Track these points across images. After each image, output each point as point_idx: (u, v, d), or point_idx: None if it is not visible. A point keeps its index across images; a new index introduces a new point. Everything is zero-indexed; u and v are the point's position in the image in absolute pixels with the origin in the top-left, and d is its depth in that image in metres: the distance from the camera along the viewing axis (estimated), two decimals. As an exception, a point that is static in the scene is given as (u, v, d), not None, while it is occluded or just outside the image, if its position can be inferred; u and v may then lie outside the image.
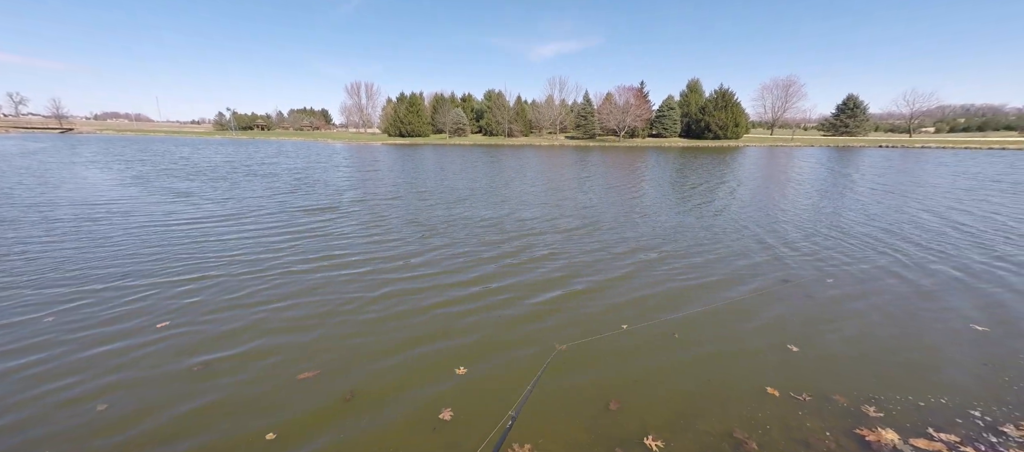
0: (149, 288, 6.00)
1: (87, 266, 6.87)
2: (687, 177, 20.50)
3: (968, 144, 50.60)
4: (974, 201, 13.73)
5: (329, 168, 24.33)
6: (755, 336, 4.75)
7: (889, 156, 35.57)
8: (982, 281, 6.42)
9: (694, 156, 36.77)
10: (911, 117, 74.41)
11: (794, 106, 77.73)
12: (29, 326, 4.86)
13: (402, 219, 10.69)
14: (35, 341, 4.55)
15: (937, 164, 27.63)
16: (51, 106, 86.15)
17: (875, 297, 5.84)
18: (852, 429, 3.25)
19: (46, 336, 4.65)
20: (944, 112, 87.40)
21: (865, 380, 3.90)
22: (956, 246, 8.35)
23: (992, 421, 3.32)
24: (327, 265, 7.08)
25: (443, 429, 3.30)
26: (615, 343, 4.58)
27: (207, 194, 14.38)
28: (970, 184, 18.00)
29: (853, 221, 10.69)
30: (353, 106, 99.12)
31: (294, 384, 3.87)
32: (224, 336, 4.71)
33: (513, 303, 5.64)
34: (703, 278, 6.56)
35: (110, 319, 5.07)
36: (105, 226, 9.58)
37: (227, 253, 7.66)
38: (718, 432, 3.25)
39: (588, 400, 3.65)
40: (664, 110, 71.99)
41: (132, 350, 4.41)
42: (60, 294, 5.76)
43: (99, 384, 3.86)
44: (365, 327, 4.94)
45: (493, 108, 77.07)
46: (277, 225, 9.90)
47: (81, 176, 18.56)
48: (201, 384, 3.86)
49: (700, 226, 9.99)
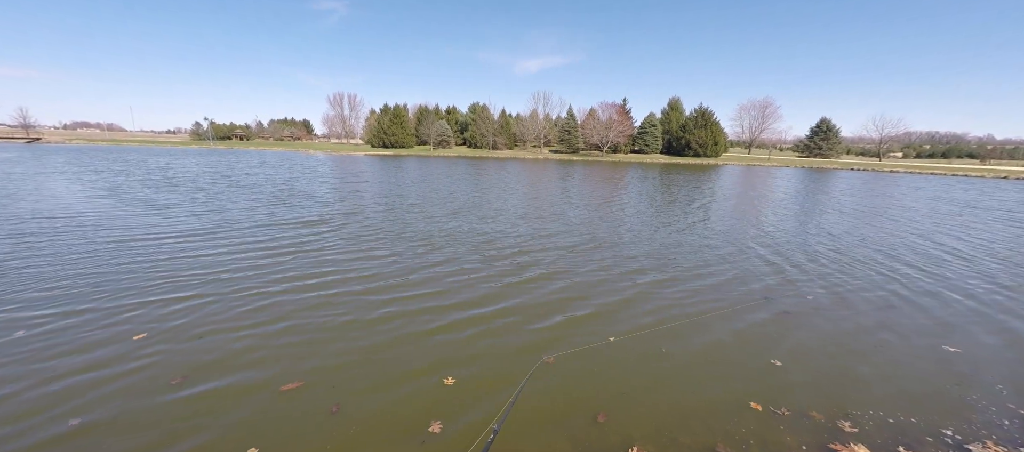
0: (122, 301, 5.78)
1: (60, 281, 6.58)
2: (675, 194, 20.98)
3: (933, 170, 52.73)
4: (949, 219, 14.47)
5: (314, 179, 23.97)
6: (740, 351, 4.87)
7: (865, 179, 37.20)
8: (965, 302, 6.70)
9: (677, 172, 37.70)
10: (880, 141, 78.06)
11: (770, 127, 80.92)
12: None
13: (390, 232, 10.61)
14: (6, 358, 4.32)
15: (913, 188, 28.97)
16: (17, 115, 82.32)
17: (857, 315, 6.05)
18: (827, 444, 3.36)
19: (17, 350, 4.43)
20: (910, 138, 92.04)
21: (844, 396, 4.04)
22: (941, 266, 8.72)
23: (961, 440, 3.46)
24: (311, 277, 6.96)
25: (431, 441, 3.26)
26: (603, 356, 4.63)
27: (187, 206, 13.98)
28: (949, 208, 18.95)
29: (841, 241, 11.12)
30: (335, 117, 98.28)
31: (277, 397, 3.77)
32: (206, 350, 4.56)
33: (502, 315, 5.64)
34: (692, 294, 6.70)
35: (87, 333, 4.85)
36: (77, 239, 9.20)
37: (208, 266, 7.45)
38: (702, 445, 3.31)
39: (576, 412, 3.67)
40: (646, 127, 73.78)
41: (110, 363, 4.22)
42: (32, 310, 5.48)
43: (73, 398, 3.69)
44: (349, 339, 4.86)
45: (478, 121, 77.59)
46: (260, 239, 9.69)
47: (53, 188, 17.83)
48: (182, 397, 3.73)
49: (690, 243, 10.22)
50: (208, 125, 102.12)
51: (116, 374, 4.07)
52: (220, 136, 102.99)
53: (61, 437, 3.25)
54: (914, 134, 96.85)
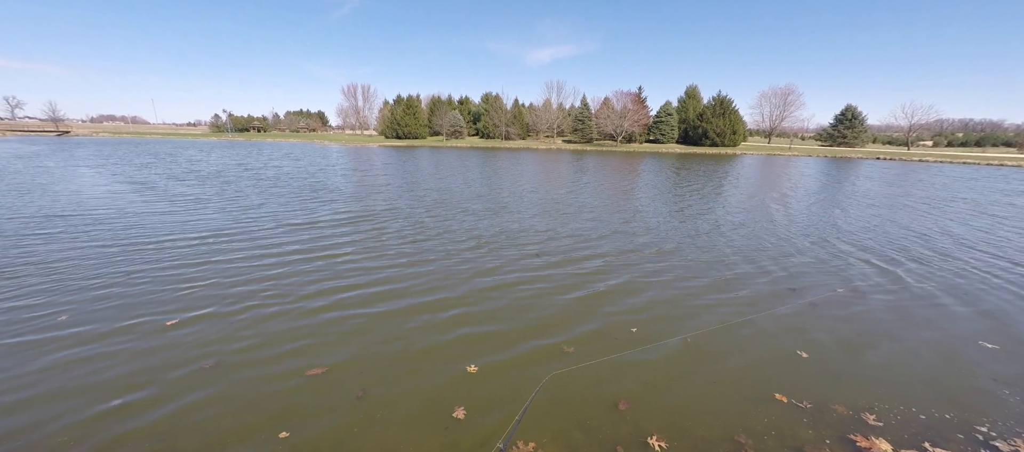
0: (155, 286, 6.02)
1: (105, 267, 6.87)
2: (691, 185, 20.63)
3: (966, 159, 50.10)
4: (975, 210, 13.91)
5: (340, 172, 24.33)
6: (764, 341, 4.83)
7: (895, 168, 35.85)
8: (1003, 297, 6.41)
9: (695, 163, 37.01)
10: (909, 130, 74.86)
11: (792, 115, 78.27)
12: (48, 320, 4.88)
13: (413, 223, 10.73)
14: (55, 335, 4.56)
15: (953, 178, 27.82)
16: (47, 109, 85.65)
17: (889, 308, 5.91)
18: (847, 435, 3.32)
19: (61, 331, 4.68)
20: (942, 126, 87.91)
21: (870, 389, 3.98)
22: (977, 259, 8.38)
23: (994, 437, 3.36)
24: (332, 267, 7.11)
25: (455, 426, 3.34)
26: (626, 346, 4.64)
27: (223, 200, 14.37)
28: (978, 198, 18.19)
29: (868, 232, 10.81)
30: (350, 108, 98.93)
31: (305, 382, 3.90)
32: (237, 337, 4.73)
33: (523, 304, 5.70)
34: (715, 285, 6.64)
35: (123, 315, 5.09)
36: (107, 235, 9.57)
37: (243, 252, 7.68)
38: (722, 436, 3.31)
39: (596, 399, 3.70)
40: (662, 116, 72.43)
41: (147, 338, 4.43)
42: (77, 294, 5.77)
43: (115, 376, 3.89)
44: (375, 325, 4.98)
45: (490, 111, 77.27)
46: (290, 238, 9.91)
47: (103, 184, 18.49)
48: (215, 381, 3.89)
49: (714, 234, 10.08)
50: (227, 117, 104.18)
51: (152, 347, 4.26)
52: (238, 128, 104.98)
53: (106, 413, 3.44)
54: (946, 121, 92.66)
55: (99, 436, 3.20)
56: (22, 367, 4.04)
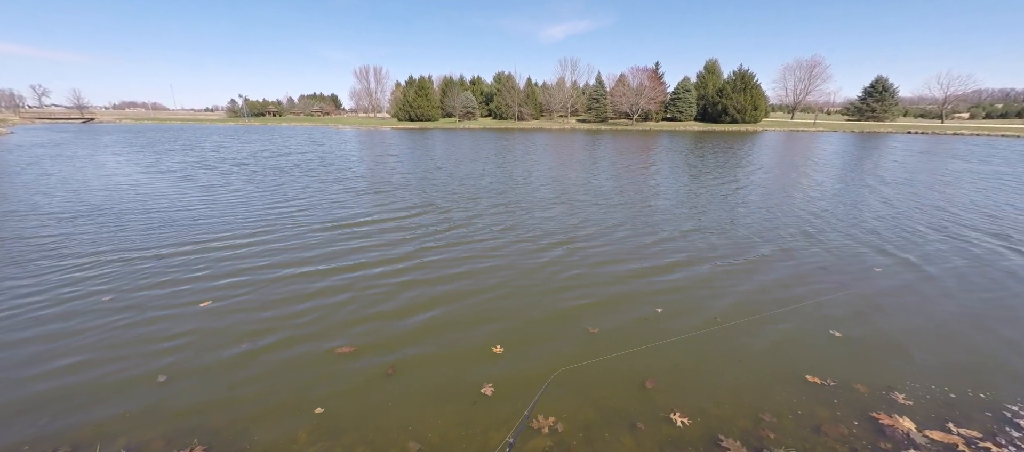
0: (191, 269, 6.30)
1: (146, 244, 7.22)
2: (714, 163, 20.18)
3: (1005, 132, 47.31)
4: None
5: (378, 159, 24.56)
6: (793, 320, 4.81)
7: (925, 142, 34.18)
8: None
9: (715, 141, 36.05)
10: (944, 101, 71.03)
11: (818, 89, 74.99)
12: (89, 300, 5.19)
13: (425, 196, 10.85)
14: (95, 322, 4.86)
15: (996, 150, 26.49)
16: (72, 97, 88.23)
17: (924, 288, 5.77)
18: (870, 414, 3.32)
19: (101, 312, 4.98)
20: (981, 96, 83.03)
21: (899, 368, 3.94)
22: (1011, 234, 8.10)
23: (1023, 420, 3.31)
24: (361, 246, 7.30)
25: (483, 401, 3.47)
26: (652, 326, 4.68)
27: (259, 188, 14.74)
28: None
29: (900, 211, 10.48)
30: (362, 91, 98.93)
31: (334, 359, 4.08)
32: (269, 320, 4.95)
33: (548, 286, 5.78)
34: (744, 265, 6.57)
35: (162, 287, 5.37)
36: (148, 218, 9.95)
37: (277, 237, 7.94)
38: (745, 414, 3.34)
39: (623, 379, 3.77)
40: (679, 92, 70.32)
41: (183, 319, 4.69)
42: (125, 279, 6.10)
43: (157, 359, 4.14)
44: (402, 304, 5.14)
45: (503, 91, 76.24)
46: (326, 208, 10.16)
47: (137, 173, 19.11)
48: (251, 362, 4.10)
49: (739, 213, 9.92)
50: (243, 102, 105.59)
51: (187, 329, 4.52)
52: (254, 113, 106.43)
53: (155, 386, 3.69)
54: (985, 92, 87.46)
55: (160, 409, 3.44)
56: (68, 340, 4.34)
